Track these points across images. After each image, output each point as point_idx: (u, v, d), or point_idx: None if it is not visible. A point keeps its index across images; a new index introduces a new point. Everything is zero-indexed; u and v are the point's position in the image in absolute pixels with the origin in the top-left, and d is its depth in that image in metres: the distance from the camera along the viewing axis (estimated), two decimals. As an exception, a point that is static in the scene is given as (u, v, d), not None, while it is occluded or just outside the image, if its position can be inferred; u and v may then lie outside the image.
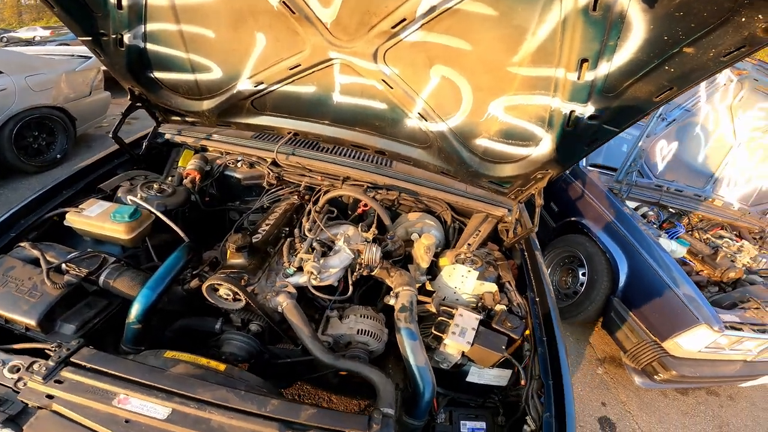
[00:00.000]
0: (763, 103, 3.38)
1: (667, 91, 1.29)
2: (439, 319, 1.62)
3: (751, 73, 3.17)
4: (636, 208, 3.50)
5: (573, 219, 3.57)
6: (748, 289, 2.98)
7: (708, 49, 1.11)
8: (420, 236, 1.96)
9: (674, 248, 3.03)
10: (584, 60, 1.35)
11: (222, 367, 1.29)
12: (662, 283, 2.71)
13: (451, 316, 1.59)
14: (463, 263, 1.86)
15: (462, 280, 1.79)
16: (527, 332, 1.71)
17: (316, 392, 2.19)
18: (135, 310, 1.39)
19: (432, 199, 2.36)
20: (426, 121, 1.98)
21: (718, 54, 1.10)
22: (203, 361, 1.30)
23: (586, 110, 1.52)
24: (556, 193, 3.97)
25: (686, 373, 2.61)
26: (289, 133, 2.30)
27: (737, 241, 3.61)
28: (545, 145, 1.81)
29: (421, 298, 1.77)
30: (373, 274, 1.79)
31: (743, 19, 1.00)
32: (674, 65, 1.20)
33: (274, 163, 2.33)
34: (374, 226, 1.89)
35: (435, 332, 1.59)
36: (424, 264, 1.90)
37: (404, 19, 1.51)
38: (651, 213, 3.44)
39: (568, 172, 3.87)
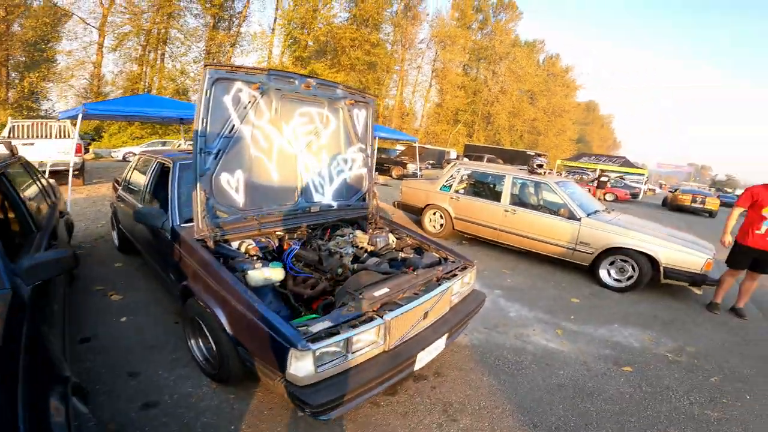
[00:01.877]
0: (300, 108, 3.49)
1: None
2: None
3: (271, 83, 3.15)
4: (239, 247, 3.26)
5: (183, 284, 3.08)
6: (347, 282, 2.93)
7: None
8: None
9: (268, 275, 2.83)
10: None
11: None
12: (250, 319, 2.42)
13: None
14: None
15: None
16: None
17: None
18: None
19: None
20: None
21: None
22: None
23: None
24: (168, 260, 3.41)
25: (330, 397, 2.22)
26: None
27: (346, 235, 3.79)
28: None
29: None
30: None
31: None
32: None
33: None
34: None
35: None
36: None
37: None
38: (252, 246, 3.24)
39: (169, 236, 3.37)
